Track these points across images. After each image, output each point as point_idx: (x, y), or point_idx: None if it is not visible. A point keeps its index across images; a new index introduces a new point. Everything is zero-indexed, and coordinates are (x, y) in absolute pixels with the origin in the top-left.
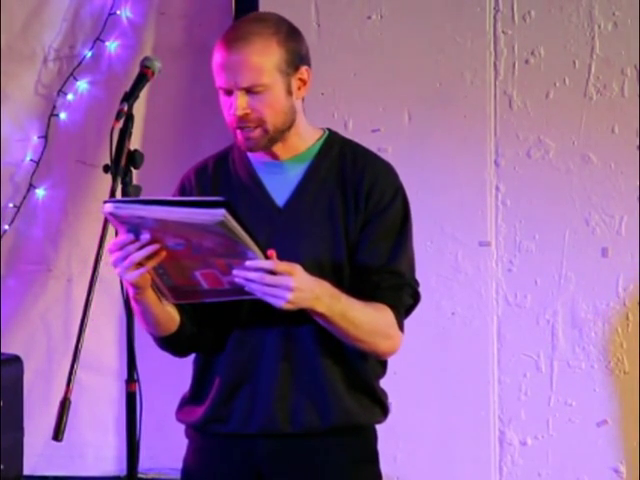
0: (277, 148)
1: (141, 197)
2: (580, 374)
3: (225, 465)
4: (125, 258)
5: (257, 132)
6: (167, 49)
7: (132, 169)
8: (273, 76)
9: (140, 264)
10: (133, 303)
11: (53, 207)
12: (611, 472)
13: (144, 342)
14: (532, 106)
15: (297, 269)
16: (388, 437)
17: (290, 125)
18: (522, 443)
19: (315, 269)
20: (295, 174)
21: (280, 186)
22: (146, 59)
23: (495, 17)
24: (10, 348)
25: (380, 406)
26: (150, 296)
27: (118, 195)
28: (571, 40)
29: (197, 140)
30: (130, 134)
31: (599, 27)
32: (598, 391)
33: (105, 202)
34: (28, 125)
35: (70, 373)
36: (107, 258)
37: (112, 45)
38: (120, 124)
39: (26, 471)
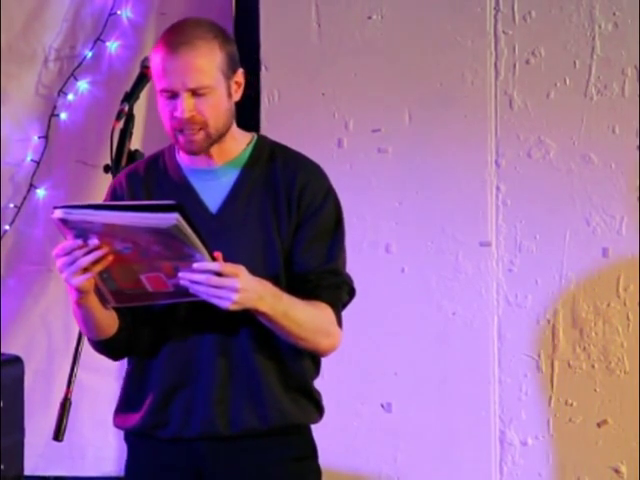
0: (213, 151)
1: (89, 202)
2: (580, 374)
3: (166, 467)
4: (72, 263)
5: (199, 135)
6: None
7: None
8: (217, 78)
9: (86, 269)
10: (75, 307)
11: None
12: (612, 472)
13: None
14: (533, 106)
15: (242, 270)
16: (388, 437)
17: (229, 128)
18: (523, 443)
19: (248, 269)
20: (227, 180)
21: (213, 192)
22: (146, 59)
23: (496, 17)
24: (10, 348)
25: (315, 406)
26: (92, 300)
27: None
28: (572, 40)
29: None
30: (131, 134)
31: (600, 27)
32: (599, 391)
33: (55, 207)
34: (28, 125)
35: (70, 374)
36: None
37: (113, 45)
38: (121, 124)
39: (27, 471)
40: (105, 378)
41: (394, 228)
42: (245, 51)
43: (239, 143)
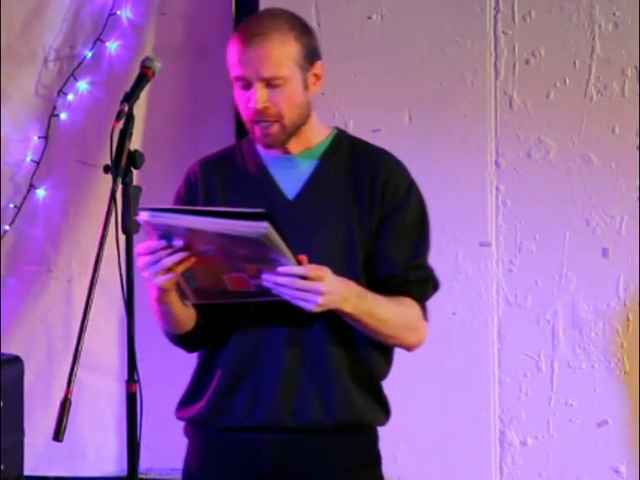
0: (290, 141)
1: (177, 207)
2: (580, 374)
3: (225, 462)
4: (155, 263)
5: (275, 128)
6: (167, 49)
7: (132, 169)
8: (292, 69)
9: (169, 269)
10: (155, 304)
11: (53, 207)
12: (612, 472)
13: (144, 343)
14: (532, 106)
15: (327, 273)
16: (388, 437)
17: (306, 120)
18: (522, 443)
19: (327, 262)
20: (305, 168)
21: (290, 180)
22: (146, 59)
23: (495, 17)
24: (10, 348)
25: (384, 408)
26: (173, 297)
27: (118, 195)
28: (571, 40)
29: (197, 140)
30: (130, 134)
31: (599, 27)
32: (599, 391)
33: (141, 209)
34: (28, 125)
35: (70, 373)
36: (107, 259)
37: (112, 45)
38: (120, 124)
39: (27, 471)
40: (105, 378)
41: None
42: None
43: (318, 135)
